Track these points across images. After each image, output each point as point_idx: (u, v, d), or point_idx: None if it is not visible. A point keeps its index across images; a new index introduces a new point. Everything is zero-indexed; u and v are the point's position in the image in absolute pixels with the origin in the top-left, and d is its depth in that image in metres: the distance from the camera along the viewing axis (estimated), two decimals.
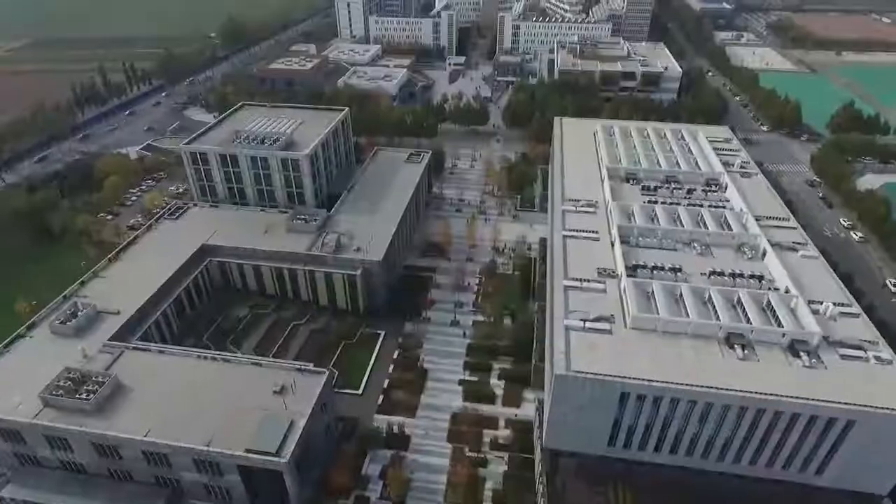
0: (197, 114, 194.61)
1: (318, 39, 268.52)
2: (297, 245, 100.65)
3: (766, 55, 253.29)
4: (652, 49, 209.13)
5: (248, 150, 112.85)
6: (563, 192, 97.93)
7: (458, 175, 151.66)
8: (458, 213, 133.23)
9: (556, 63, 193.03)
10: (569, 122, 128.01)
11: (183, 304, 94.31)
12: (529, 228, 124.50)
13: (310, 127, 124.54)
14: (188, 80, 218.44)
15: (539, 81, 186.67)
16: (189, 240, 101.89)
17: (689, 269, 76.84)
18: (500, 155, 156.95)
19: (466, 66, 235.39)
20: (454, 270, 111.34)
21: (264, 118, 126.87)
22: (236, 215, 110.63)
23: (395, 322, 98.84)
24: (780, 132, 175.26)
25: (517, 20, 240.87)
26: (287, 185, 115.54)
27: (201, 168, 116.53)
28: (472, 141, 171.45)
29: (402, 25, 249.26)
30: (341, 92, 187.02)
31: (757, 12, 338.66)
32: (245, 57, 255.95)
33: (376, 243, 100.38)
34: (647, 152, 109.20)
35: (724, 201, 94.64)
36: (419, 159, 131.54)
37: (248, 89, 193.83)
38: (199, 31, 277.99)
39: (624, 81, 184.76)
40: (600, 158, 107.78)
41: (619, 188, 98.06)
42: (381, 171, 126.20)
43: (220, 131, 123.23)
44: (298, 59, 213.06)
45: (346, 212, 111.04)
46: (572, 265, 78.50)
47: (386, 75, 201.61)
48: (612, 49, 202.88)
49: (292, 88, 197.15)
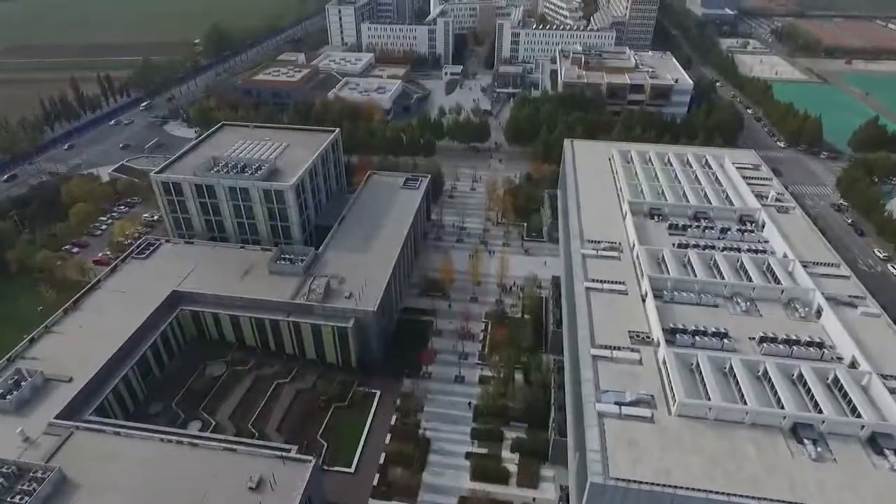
0: (177, 129, 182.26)
1: (307, 47, 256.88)
2: (280, 291, 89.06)
3: (773, 63, 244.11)
4: (659, 59, 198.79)
5: (227, 180, 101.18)
6: (580, 230, 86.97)
7: (458, 199, 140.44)
8: (460, 244, 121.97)
9: (560, 74, 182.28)
10: (581, 146, 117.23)
11: (149, 363, 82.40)
12: (538, 262, 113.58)
13: (296, 151, 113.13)
14: (168, 91, 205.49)
15: (542, 94, 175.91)
16: (159, 284, 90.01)
17: (736, 333, 66.00)
18: (504, 176, 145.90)
19: (464, 75, 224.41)
20: (457, 314, 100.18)
21: (246, 141, 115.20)
22: (213, 254, 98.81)
23: (391, 378, 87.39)
24: (797, 149, 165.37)
25: (516, 28, 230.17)
26: (271, 217, 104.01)
27: (175, 199, 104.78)
28: (472, 159, 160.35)
29: (395, 33, 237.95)
30: (332, 105, 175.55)
31: (759, 18, 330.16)
32: (230, 66, 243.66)
33: (370, 289, 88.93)
34: (670, 183, 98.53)
35: (763, 242, 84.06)
36: (417, 185, 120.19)
37: (231, 102, 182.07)
38: (183, 38, 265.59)
39: (632, 94, 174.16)
40: (620, 190, 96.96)
41: (644, 226, 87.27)
42: (375, 200, 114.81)
43: (197, 156, 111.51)
44: (286, 69, 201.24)
45: (337, 248, 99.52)
46: (599, 327, 67.49)
47: (379, 87, 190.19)
48: (618, 59, 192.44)
49: (279, 101, 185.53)
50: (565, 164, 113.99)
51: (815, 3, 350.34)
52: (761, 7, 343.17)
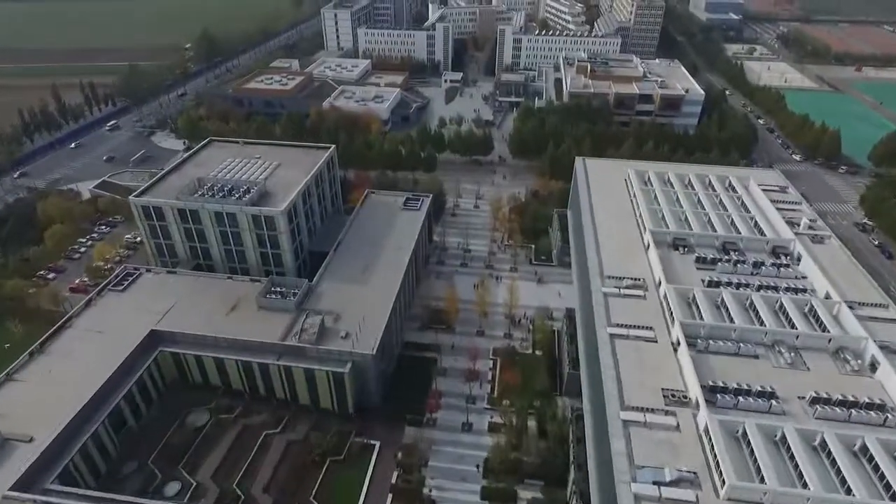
0: (165, 140, 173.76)
1: (302, 52, 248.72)
2: (270, 329, 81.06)
3: (782, 70, 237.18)
4: (667, 67, 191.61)
5: (213, 204, 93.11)
6: (599, 264, 79.38)
7: (461, 217, 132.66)
8: (464, 269, 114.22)
9: (566, 83, 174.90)
10: (594, 164, 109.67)
11: (123, 414, 74.32)
12: (549, 291, 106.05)
13: (288, 170, 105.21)
14: (156, 100, 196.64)
15: (547, 104, 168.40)
16: (136, 322, 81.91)
17: (784, 391, 58.45)
18: (508, 193, 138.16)
19: (464, 82, 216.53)
20: (463, 349, 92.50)
21: (234, 159, 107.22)
22: (197, 286, 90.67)
23: (392, 426, 79.58)
24: (814, 163, 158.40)
25: (518, 33, 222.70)
26: (260, 244, 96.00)
27: (156, 224, 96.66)
28: (475, 173, 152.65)
29: (393, 38, 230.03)
30: (327, 115, 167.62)
31: (764, 23, 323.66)
32: (222, 72, 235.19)
33: (369, 327, 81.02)
34: (694, 208, 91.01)
35: (801, 279, 76.60)
36: (418, 205, 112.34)
37: (221, 112, 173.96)
38: (174, 42, 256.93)
39: (641, 105, 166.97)
40: (640, 217, 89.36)
41: (669, 259, 79.70)
42: (373, 222, 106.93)
43: (182, 175, 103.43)
44: (279, 76, 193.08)
45: (332, 279, 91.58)
46: (628, 384, 59.86)
47: (377, 96, 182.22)
48: (625, 68, 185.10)
49: (272, 111, 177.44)
50: (577, 184, 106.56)
51: (820, 8, 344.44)
52: (766, 12, 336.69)
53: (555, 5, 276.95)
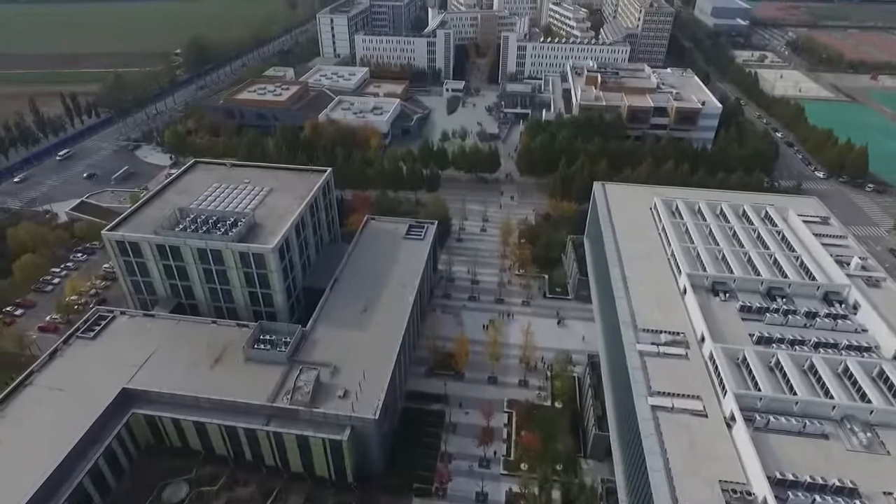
0: (151, 154, 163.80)
1: (297, 59, 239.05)
2: (258, 386, 71.51)
3: (795, 79, 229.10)
4: (681, 77, 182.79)
5: (195, 239, 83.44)
6: (630, 312, 70.22)
7: (467, 242, 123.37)
8: (473, 303, 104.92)
9: (575, 95, 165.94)
10: (615, 191, 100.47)
11: (89, 492, 64.65)
12: (569, 332, 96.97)
13: (281, 197, 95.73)
14: (142, 111, 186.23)
15: (556, 118, 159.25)
16: (107, 378, 72.25)
17: (865, 485, 49.45)
18: (517, 216, 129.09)
19: (466, 91, 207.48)
20: (474, 400, 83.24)
21: (220, 185, 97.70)
22: (177, 332, 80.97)
23: (397, 498, 70.21)
24: (839, 180, 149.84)
25: (523, 41, 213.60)
26: (249, 283, 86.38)
27: (133, 261, 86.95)
28: (481, 192, 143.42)
29: (392, 45, 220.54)
30: (323, 129, 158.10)
31: (771, 28, 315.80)
32: (213, 80, 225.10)
33: (370, 383, 71.55)
34: (731, 246, 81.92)
35: (861, 332, 67.62)
36: (421, 234, 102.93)
37: (211, 124, 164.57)
38: (164, 48, 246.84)
39: (655, 118, 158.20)
40: (672, 256, 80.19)
41: (709, 308, 70.57)
42: (373, 254, 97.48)
43: (163, 204, 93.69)
44: (273, 86, 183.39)
45: (328, 323, 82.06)
46: (679, 474, 50.70)
47: (375, 107, 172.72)
48: (637, 78, 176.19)
49: (264, 123, 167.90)
50: (596, 213, 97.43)
51: (827, 14, 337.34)
52: (773, 17, 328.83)
53: (558, 10, 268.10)
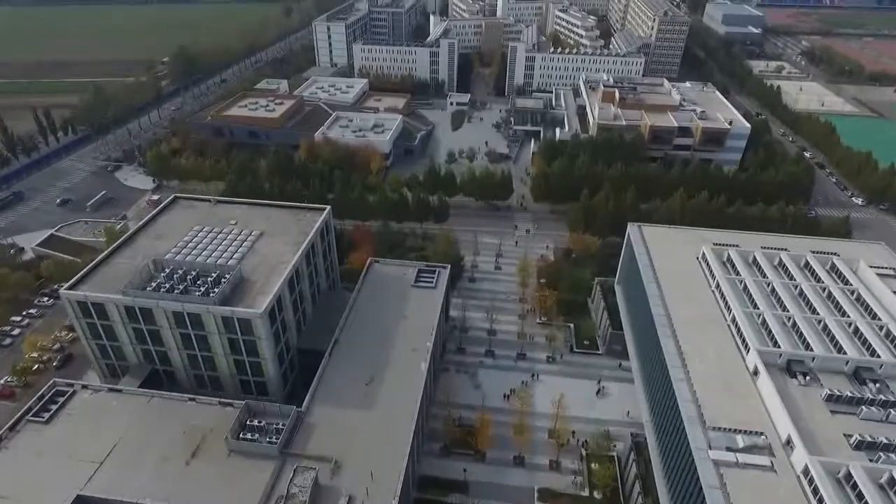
0: (132, 176, 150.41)
1: (292, 68, 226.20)
2: (243, 492, 58.87)
3: (817, 92, 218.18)
4: (701, 92, 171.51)
5: (170, 302, 70.71)
6: (695, 404, 58.11)
7: (481, 284, 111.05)
8: (490, 359, 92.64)
9: (592, 113, 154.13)
10: (654, 234, 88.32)
11: None
12: (609, 403, 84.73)
13: (272, 242, 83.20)
14: (123, 126, 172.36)
15: (572, 138, 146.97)
16: (59, 479, 59.48)
17: None
18: (535, 251, 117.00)
19: (472, 105, 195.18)
20: (497, 490, 70.99)
21: (203, 228, 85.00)
22: (149, 413, 68.11)
23: None
24: (879, 207, 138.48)
25: (531, 51, 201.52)
26: (234, 351, 73.79)
27: (98, 323, 74.15)
28: (493, 221, 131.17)
29: (392, 55, 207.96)
30: (320, 149, 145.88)
31: (784, 36, 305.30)
32: (202, 90, 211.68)
33: (379, 484, 59.17)
34: (802, 311, 69.91)
35: None
36: (433, 281, 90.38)
37: (198, 143, 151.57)
38: (150, 55, 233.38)
39: (679, 139, 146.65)
40: (734, 324, 68.11)
41: (788, 394, 58.53)
42: (378, 306, 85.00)
43: (134, 252, 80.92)
44: (265, 100, 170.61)
45: (328, 400, 69.45)
46: None
47: (376, 124, 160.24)
48: (657, 94, 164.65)
49: (256, 142, 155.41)
50: (632, 259, 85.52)
51: (841, 21, 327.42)
52: (785, 25, 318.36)
53: (565, 17, 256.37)
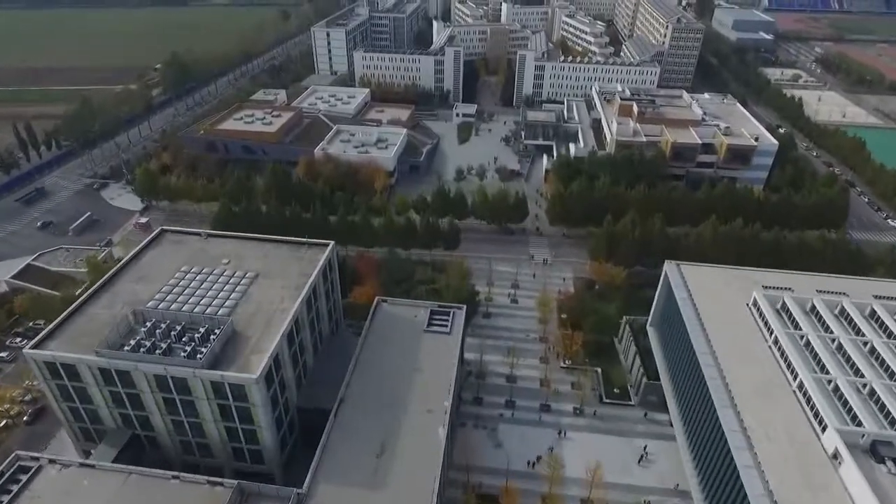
0: (120, 195, 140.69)
1: (289, 75, 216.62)
2: None
3: (833, 101, 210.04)
4: (721, 105, 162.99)
5: (151, 364, 61.41)
6: (769, 497, 49.14)
7: (497, 320, 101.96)
8: (511, 411, 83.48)
9: (609, 128, 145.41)
10: (696, 276, 79.36)
11: None
12: (638, 453, 75.76)
13: (269, 287, 74.01)
14: (111, 140, 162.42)
15: (590, 156, 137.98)
16: None
17: None
18: (555, 284, 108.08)
19: (478, 116, 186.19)
20: None
21: (191, 271, 75.63)
22: (124, 493, 58.64)
23: None
24: None
25: (540, 60, 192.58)
26: (225, 418, 64.51)
27: (69, 385, 64.81)
28: (506, 247, 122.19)
29: (395, 63, 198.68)
30: (320, 166, 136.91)
31: (795, 42, 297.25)
32: (195, 100, 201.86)
33: None
34: (880, 376, 61.03)
35: None
36: (448, 324, 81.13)
37: (190, 160, 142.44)
38: (143, 62, 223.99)
39: (702, 156, 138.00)
40: (800, 392, 59.19)
41: (879, 486, 49.65)
42: (388, 356, 75.80)
43: (112, 299, 71.59)
44: (262, 112, 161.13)
45: (333, 478, 60.11)
46: None
47: (380, 139, 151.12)
48: (675, 107, 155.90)
49: (252, 157, 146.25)
50: (671, 303, 76.87)
51: (851, 27, 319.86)
52: (795, 30, 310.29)
53: (573, 23, 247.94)
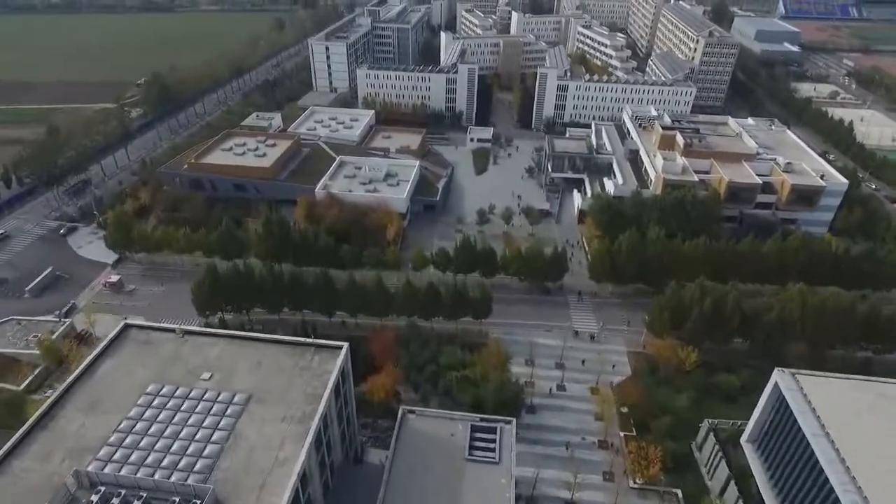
0: (89, 243, 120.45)
1: (285, 93, 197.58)
2: None
3: (877, 122, 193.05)
4: (771, 132, 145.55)
5: None
6: None
7: (543, 416, 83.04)
8: None
9: (650, 161, 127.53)
10: (818, 391, 61.06)
11: None
12: None
13: (265, 418, 55.42)
14: (84, 173, 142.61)
15: (633, 197, 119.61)
16: None
17: None
18: (607, 364, 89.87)
19: (495, 141, 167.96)
20: None
21: (160, 392, 56.87)
22: None
23: None
24: None
25: (564, 78, 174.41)
26: None
27: None
28: (543, 310, 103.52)
29: (402, 82, 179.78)
30: (322, 210, 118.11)
31: (820, 53, 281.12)
32: (181, 122, 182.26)
33: None
34: None
35: None
36: (495, 450, 62.79)
37: (171, 199, 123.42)
38: (125, 77, 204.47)
39: (762, 196, 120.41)
40: None
41: None
42: (418, 497, 57.36)
43: (48, 445, 52.74)
44: (255, 141, 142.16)
45: None
46: None
47: (389, 173, 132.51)
48: (722, 136, 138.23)
49: (244, 195, 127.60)
50: (785, 426, 59.00)
51: (877, 36, 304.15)
52: (821, 41, 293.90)
53: (590, 35, 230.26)
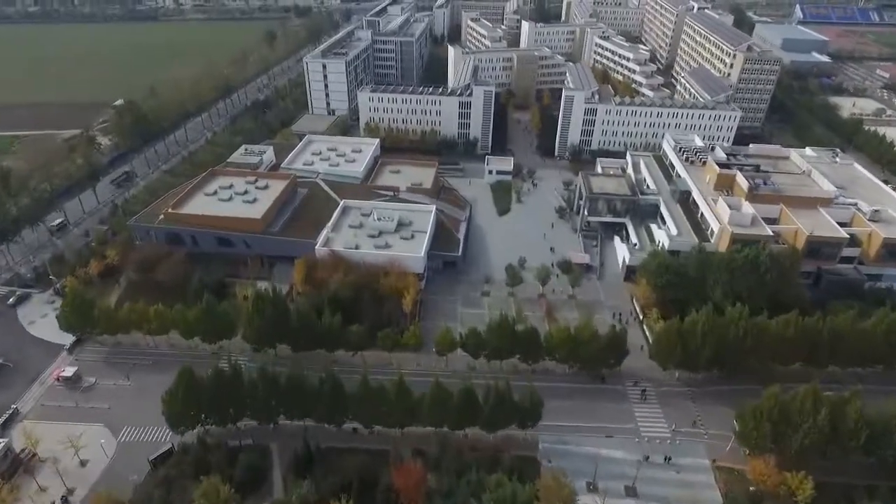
0: (43, 317, 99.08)
1: (277, 117, 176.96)
2: None
3: None
4: (834, 165, 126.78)
5: None
6: None
7: None
8: None
9: (712, 212, 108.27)
10: None
11: None
12: None
13: None
14: (40, 222, 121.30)
15: (697, 254, 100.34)
16: None
17: None
18: (694, 482, 70.38)
19: (517, 173, 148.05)
20: None
21: None
22: None
23: None
24: None
25: (591, 101, 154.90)
26: None
27: None
28: (600, 406, 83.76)
29: (410, 106, 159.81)
30: (325, 275, 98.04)
31: (848, 62, 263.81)
32: (160, 152, 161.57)
33: None
34: None
35: None
36: None
37: (144, 259, 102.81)
38: (101, 98, 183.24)
39: (846, 250, 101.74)
40: None
41: None
42: None
43: None
44: (243, 182, 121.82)
45: None
46: None
47: (402, 222, 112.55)
48: (789, 175, 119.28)
49: (230, 252, 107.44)
50: None
51: None
52: (847, 49, 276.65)
53: (609, 47, 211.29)
